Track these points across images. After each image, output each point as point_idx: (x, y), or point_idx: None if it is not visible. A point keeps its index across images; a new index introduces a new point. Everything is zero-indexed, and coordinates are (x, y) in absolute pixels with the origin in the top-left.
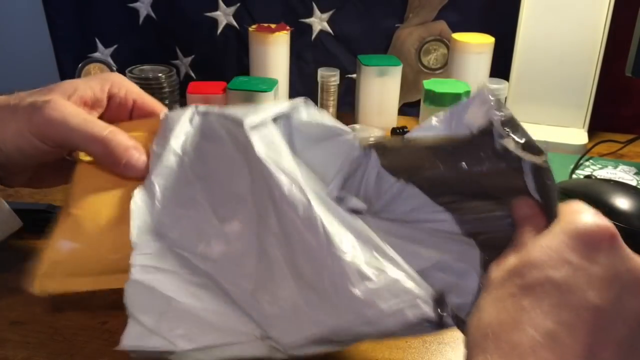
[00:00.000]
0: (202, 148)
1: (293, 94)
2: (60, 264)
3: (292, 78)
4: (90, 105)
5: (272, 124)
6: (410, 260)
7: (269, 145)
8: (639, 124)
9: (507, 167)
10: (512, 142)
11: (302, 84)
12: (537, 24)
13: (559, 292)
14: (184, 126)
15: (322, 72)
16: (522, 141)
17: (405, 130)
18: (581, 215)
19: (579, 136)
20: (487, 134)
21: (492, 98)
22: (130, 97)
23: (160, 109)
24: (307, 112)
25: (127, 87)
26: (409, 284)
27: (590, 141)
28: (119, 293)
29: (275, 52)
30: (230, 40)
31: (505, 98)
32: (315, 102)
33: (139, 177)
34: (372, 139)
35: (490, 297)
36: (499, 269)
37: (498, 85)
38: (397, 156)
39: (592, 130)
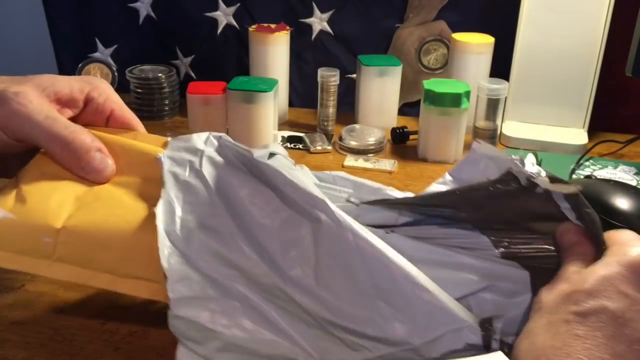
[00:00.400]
0: (221, 171)
1: (293, 94)
2: None
3: (292, 78)
4: (64, 102)
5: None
6: (458, 283)
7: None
8: (638, 124)
9: (540, 200)
10: (539, 178)
11: (302, 84)
12: (537, 24)
13: (614, 324)
14: (200, 146)
15: (322, 72)
16: (547, 175)
17: (405, 130)
18: (635, 246)
19: (579, 136)
20: (510, 177)
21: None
22: (109, 105)
23: (137, 124)
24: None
25: (108, 95)
26: (456, 310)
27: (590, 141)
28: (117, 293)
29: (275, 52)
30: (230, 40)
31: (505, 98)
32: (315, 102)
33: (101, 182)
34: None
35: (543, 322)
36: (551, 293)
37: (498, 85)
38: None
39: (592, 131)
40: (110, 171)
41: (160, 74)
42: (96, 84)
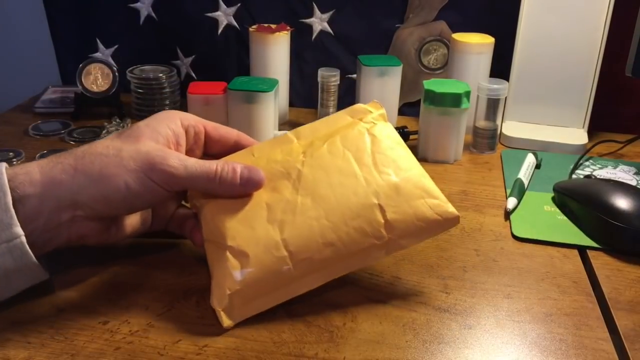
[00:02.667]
0: None
1: (293, 94)
2: (239, 293)
3: (292, 78)
4: (176, 142)
5: None
6: None
7: None
8: (638, 123)
9: None
10: None
11: (302, 84)
12: (537, 24)
13: None
14: None
15: (322, 72)
16: None
17: (405, 130)
18: None
19: (579, 136)
20: None
21: None
22: (201, 125)
23: (233, 132)
24: None
25: (193, 118)
26: None
27: (590, 141)
28: (118, 292)
29: (275, 52)
30: (231, 41)
31: (505, 98)
32: (315, 102)
33: (260, 183)
34: None
35: None
36: None
37: (498, 85)
38: None
39: (592, 130)
40: (261, 177)
41: (160, 74)
42: (180, 115)
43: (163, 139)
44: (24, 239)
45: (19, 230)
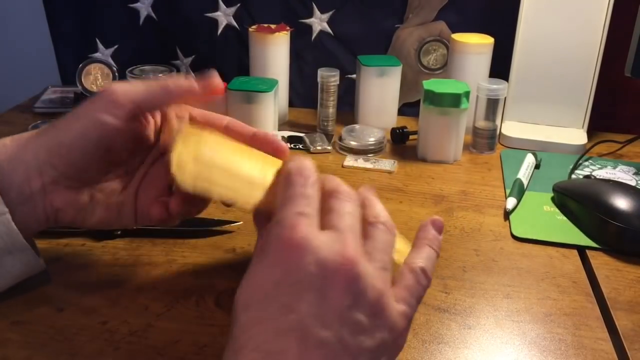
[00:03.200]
0: None
1: (293, 94)
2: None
3: (292, 78)
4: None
5: None
6: None
7: None
8: (638, 124)
9: None
10: None
11: (302, 84)
12: (537, 24)
13: None
14: None
15: (322, 72)
16: None
17: (405, 130)
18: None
19: (579, 136)
20: None
21: None
22: (185, 111)
23: (223, 119)
24: None
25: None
26: None
27: (589, 141)
28: (118, 292)
29: (275, 52)
30: (231, 41)
31: (505, 98)
32: (315, 102)
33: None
34: None
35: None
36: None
37: (498, 85)
38: None
39: (592, 131)
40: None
41: (160, 74)
42: None
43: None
44: (8, 216)
45: (2, 207)
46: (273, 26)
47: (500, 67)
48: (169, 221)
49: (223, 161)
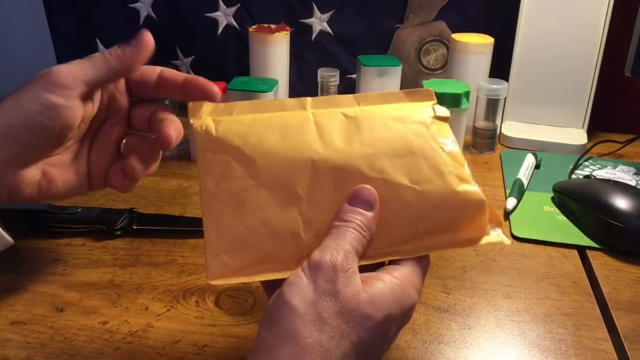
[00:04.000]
0: None
1: (293, 94)
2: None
3: (292, 78)
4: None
5: None
6: None
7: None
8: (638, 124)
9: None
10: None
11: (302, 84)
12: (537, 24)
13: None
14: None
15: (322, 72)
16: None
17: None
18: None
19: (579, 136)
20: None
21: None
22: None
23: (155, 68)
24: None
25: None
26: None
27: (589, 141)
28: (118, 292)
29: (275, 52)
30: (231, 41)
31: (505, 98)
32: None
33: (147, 47)
34: None
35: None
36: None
37: (498, 85)
38: None
39: (592, 131)
40: (147, 37)
41: None
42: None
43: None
44: None
45: None
46: (273, 26)
47: (500, 67)
48: (130, 186)
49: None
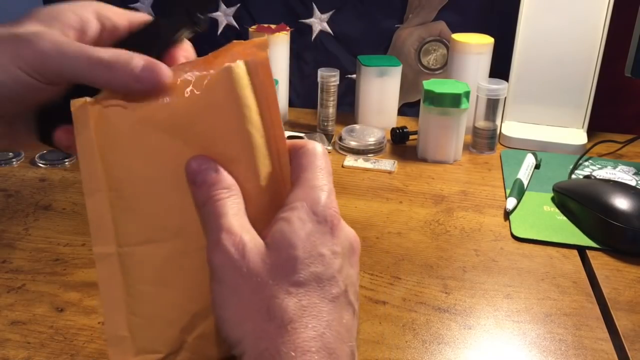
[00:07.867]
0: None
1: (293, 94)
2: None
3: (292, 78)
4: (80, 30)
5: None
6: None
7: None
8: (638, 124)
9: None
10: None
11: (302, 84)
12: (537, 24)
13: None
14: None
15: (322, 72)
16: None
17: (405, 130)
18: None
19: (578, 136)
20: None
21: None
22: (125, 20)
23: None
24: None
25: (118, 11)
26: None
27: (589, 141)
28: None
29: (275, 52)
30: (231, 41)
31: (505, 98)
32: (315, 102)
33: (160, 81)
34: None
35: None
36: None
37: (498, 85)
38: None
39: (592, 131)
40: (165, 71)
41: None
42: (105, 6)
43: (60, 23)
44: None
45: None
46: (273, 26)
47: (500, 67)
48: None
49: None
